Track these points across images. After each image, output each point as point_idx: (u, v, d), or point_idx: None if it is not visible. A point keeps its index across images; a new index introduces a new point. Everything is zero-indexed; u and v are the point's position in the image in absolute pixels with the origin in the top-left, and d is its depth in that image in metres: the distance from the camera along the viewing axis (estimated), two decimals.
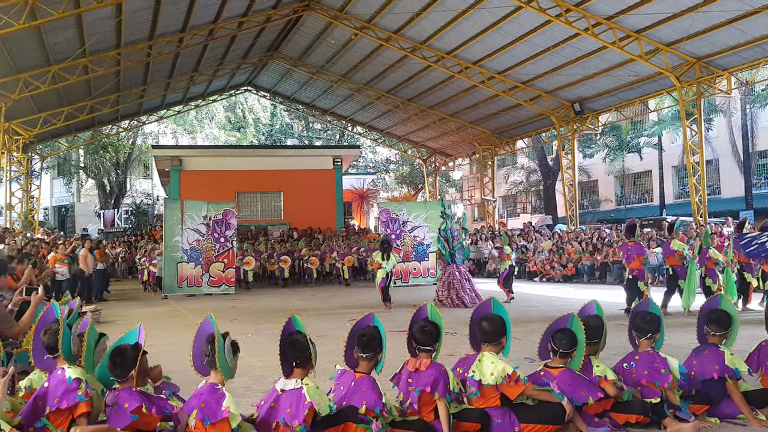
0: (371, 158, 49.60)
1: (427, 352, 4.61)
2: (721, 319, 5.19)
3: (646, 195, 38.57)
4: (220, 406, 3.93)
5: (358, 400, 4.29)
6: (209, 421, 3.89)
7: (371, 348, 4.47)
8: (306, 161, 28.40)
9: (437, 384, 4.40)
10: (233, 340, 4.22)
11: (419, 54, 23.29)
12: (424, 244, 20.96)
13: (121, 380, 4.08)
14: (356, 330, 4.62)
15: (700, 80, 19.46)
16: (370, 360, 4.47)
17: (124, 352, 4.13)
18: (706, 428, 4.77)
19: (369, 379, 4.41)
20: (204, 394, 4.01)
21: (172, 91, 28.64)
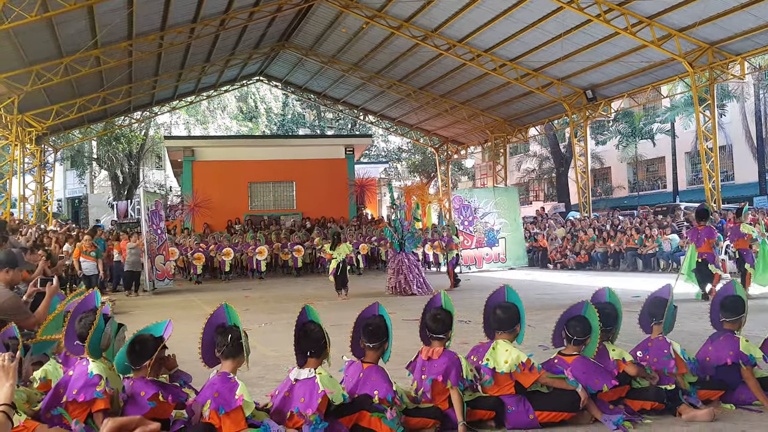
0: (383, 147, 49.57)
1: (439, 340, 4.65)
2: (733, 305, 5.18)
3: (659, 181, 38.31)
4: (234, 395, 3.96)
5: (369, 390, 4.31)
6: (224, 410, 3.92)
7: (378, 337, 4.49)
8: (318, 151, 28.46)
9: (449, 372, 4.44)
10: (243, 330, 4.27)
11: (431, 42, 23.20)
12: (494, 230, 21.79)
13: (135, 368, 4.13)
14: (362, 319, 4.64)
15: (713, 65, 19.28)
16: (376, 349, 4.51)
17: (145, 341, 4.17)
18: (721, 415, 4.77)
19: (378, 369, 4.45)
20: (217, 383, 4.03)
21: (183, 81, 28.71)
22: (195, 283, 19.83)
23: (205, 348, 4.26)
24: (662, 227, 19.66)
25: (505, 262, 21.96)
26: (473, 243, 21.58)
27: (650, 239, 19.44)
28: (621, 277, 17.27)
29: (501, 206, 22.13)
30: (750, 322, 5.39)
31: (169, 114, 39.28)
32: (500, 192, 23.46)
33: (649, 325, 5.20)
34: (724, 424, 4.54)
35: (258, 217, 26.70)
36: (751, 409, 4.85)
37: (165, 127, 43.73)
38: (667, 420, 4.66)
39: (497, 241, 21.89)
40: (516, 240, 22.43)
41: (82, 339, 4.19)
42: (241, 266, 22.00)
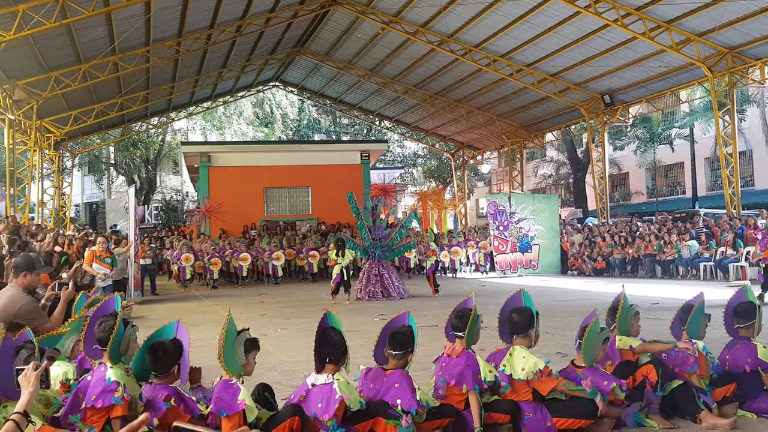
0: (399, 152, 49.56)
1: (460, 338, 4.68)
2: (746, 311, 5.14)
3: (678, 187, 37.94)
4: (236, 399, 3.92)
5: (392, 397, 4.25)
6: (225, 413, 3.89)
7: (403, 347, 4.44)
8: (334, 156, 28.50)
9: (465, 375, 4.43)
10: (251, 337, 4.22)
11: (446, 47, 23.17)
12: (528, 236, 22.12)
13: (161, 375, 4.09)
14: (390, 327, 4.61)
15: (732, 70, 19.08)
16: (399, 359, 4.45)
17: (166, 346, 4.14)
18: (741, 424, 4.67)
19: (402, 375, 4.36)
20: (219, 390, 4.00)
21: (200, 87, 28.89)
22: (211, 288, 19.89)
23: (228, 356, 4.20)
24: (681, 233, 19.45)
25: (536, 269, 21.97)
26: (508, 248, 21.70)
27: (669, 245, 19.24)
28: (639, 283, 17.08)
29: (539, 213, 22.24)
30: None
31: (185, 120, 39.57)
32: (539, 199, 23.67)
33: (680, 331, 5.19)
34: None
35: (274, 222, 26.75)
36: None
37: (182, 132, 44.04)
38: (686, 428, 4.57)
39: (530, 248, 21.97)
40: (551, 247, 22.43)
41: (102, 343, 4.16)
42: (256, 271, 22.04)
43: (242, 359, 4.14)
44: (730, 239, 17.66)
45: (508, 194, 23.28)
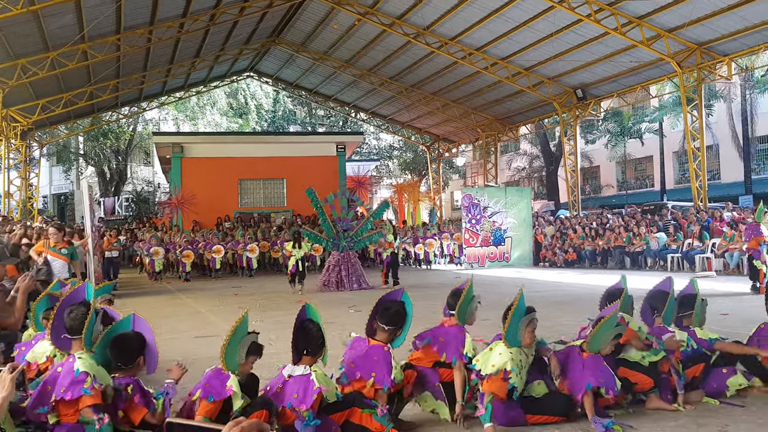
0: (375, 145, 49.55)
1: (453, 315, 4.86)
2: (688, 301, 5.37)
3: (647, 180, 38.53)
4: (224, 386, 3.98)
5: (367, 370, 4.36)
6: (213, 398, 3.94)
7: (393, 322, 4.55)
8: (309, 148, 28.44)
9: (448, 345, 4.63)
10: (257, 342, 4.25)
11: (422, 40, 23.22)
12: (501, 229, 22.21)
13: (125, 367, 4.11)
14: (383, 301, 4.71)
15: (701, 66, 19.43)
16: (389, 333, 4.54)
17: (129, 338, 4.17)
18: (705, 410, 4.83)
19: (382, 350, 4.45)
20: (209, 376, 4.06)
21: (173, 77, 28.57)
22: (184, 281, 19.76)
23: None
24: (650, 226, 19.81)
25: (509, 261, 22.17)
26: (478, 241, 21.86)
27: (638, 237, 19.58)
28: (609, 274, 17.36)
29: (512, 206, 22.38)
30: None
31: (157, 110, 39.08)
32: (512, 191, 23.78)
33: (651, 317, 5.33)
34: (708, 420, 4.60)
35: (248, 214, 26.63)
36: (733, 404, 4.94)
37: (153, 122, 43.53)
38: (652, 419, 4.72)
39: (503, 240, 22.15)
40: (523, 240, 22.62)
41: (73, 332, 4.15)
42: (230, 264, 21.94)
43: (242, 359, 4.15)
44: (697, 231, 18.04)
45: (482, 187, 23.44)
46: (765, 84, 28.95)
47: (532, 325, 4.58)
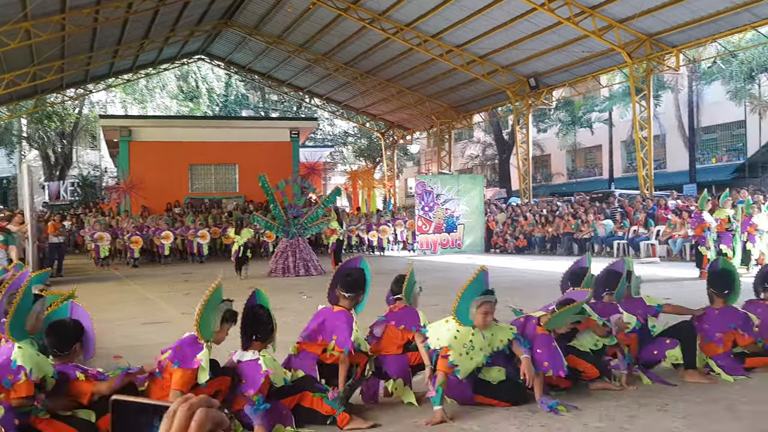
0: (329, 131, 49.27)
1: (399, 299, 4.93)
2: (614, 279, 5.51)
3: (596, 169, 39.34)
4: (194, 357, 3.99)
5: (329, 333, 4.46)
6: (178, 364, 3.95)
7: (353, 288, 4.66)
8: (262, 133, 28.08)
9: (405, 320, 4.73)
10: (232, 309, 4.25)
11: (378, 26, 23.13)
12: (454, 216, 22.37)
13: (62, 353, 4.02)
14: (343, 269, 4.82)
15: (650, 57, 19.87)
16: (351, 300, 4.66)
17: (65, 325, 4.12)
18: (644, 390, 4.97)
19: (345, 315, 4.55)
20: (185, 342, 4.08)
21: (120, 58, 27.82)
22: (132, 267, 19.37)
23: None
24: (597, 213, 20.23)
25: (461, 248, 22.39)
26: (431, 228, 22.02)
27: (586, 224, 19.99)
28: (558, 260, 17.69)
29: (465, 193, 22.58)
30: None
31: (104, 92, 38.13)
32: (465, 179, 23.99)
33: (601, 296, 5.48)
34: (649, 399, 4.75)
35: (199, 200, 26.23)
36: (668, 383, 5.12)
37: (100, 105, 42.42)
38: (594, 398, 4.83)
39: (456, 227, 22.39)
40: (476, 226, 22.84)
41: None
42: (180, 250, 21.57)
43: (217, 326, 4.16)
44: (642, 219, 18.52)
45: (436, 174, 23.58)
46: (711, 75, 29.78)
47: (485, 308, 4.49)
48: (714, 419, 4.29)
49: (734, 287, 5.58)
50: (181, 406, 1.00)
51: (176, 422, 1.00)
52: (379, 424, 4.37)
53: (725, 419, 4.29)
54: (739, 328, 5.33)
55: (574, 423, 4.26)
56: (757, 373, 5.34)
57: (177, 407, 1.00)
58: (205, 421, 1.00)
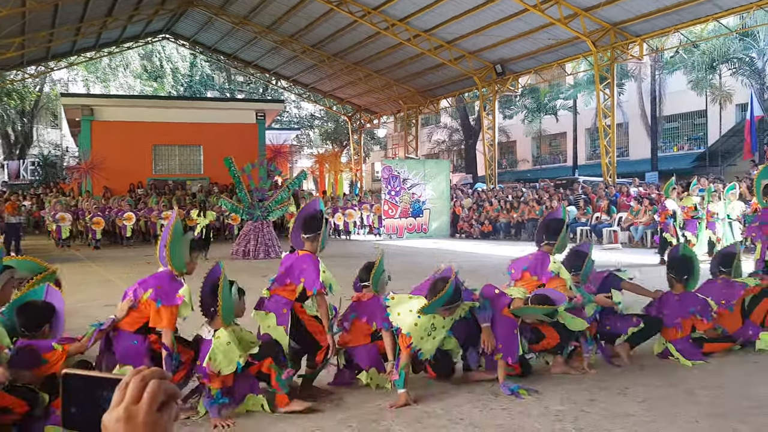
0: (296, 113, 48.91)
1: (366, 287, 4.99)
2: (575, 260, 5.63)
3: (561, 156, 39.81)
4: (176, 293, 4.08)
5: (297, 276, 4.55)
6: (161, 302, 4.02)
7: (312, 228, 4.74)
8: (227, 114, 27.77)
9: (375, 315, 4.76)
10: (197, 238, 4.41)
11: (345, 9, 22.98)
12: (420, 201, 22.41)
13: (29, 333, 3.99)
14: (302, 214, 4.90)
15: (614, 45, 20.13)
16: (312, 240, 4.74)
17: (37, 306, 4.10)
18: (602, 372, 5.11)
19: (311, 258, 4.64)
20: (164, 278, 4.15)
21: (83, 36, 27.16)
22: (93, 248, 19.08)
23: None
24: (561, 199, 20.50)
25: (426, 233, 22.51)
26: (398, 213, 22.11)
27: (550, 210, 20.26)
28: (522, 246, 17.93)
29: (431, 178, 22.66)
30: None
31: (66, 70, 37.19)
32: (431, 164, 24.06)
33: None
34: (609, 383, 4.88)
35: (162, 181, 25.89)
36: (614, 364, 5.35)
37: (62, 83, 41.45)
38: (556, 381, 4.96)
39: (422, 212, 22.51)
40: (441, 211, 22.96)
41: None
42: (143, 232, 21.30)
43: (187, 257, 4.26)
44: (605, 206, 18.86)
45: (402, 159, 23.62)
46: (673, 65, 30.28)
47: (451, 310, 4.60)
48: (673, 403, 4.43)
49: (693, 273, 5.76)
50: (134, 378, 1.00)
51: (129, 394, 1.00)
52: (319, 409, 4.37)
53: (684, 403, 4.43)
54: (698, 313, 5.49)
55: (535, 406, 4.38)
56: (716, 358, 5.53)
57: (129, 379, 1.01)
58: (157, 393, 1.00)
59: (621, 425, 4.03)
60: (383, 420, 4.21)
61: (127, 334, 4.16)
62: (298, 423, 4.16)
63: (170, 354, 4.06)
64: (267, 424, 4.13)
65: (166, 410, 1.01)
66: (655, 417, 4.17)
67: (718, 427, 3.97)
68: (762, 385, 4.80)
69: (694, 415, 4.19)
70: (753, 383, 4.85)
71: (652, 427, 4.00)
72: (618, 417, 4.17)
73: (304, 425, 4.12)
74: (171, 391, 1.02)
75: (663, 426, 4.02)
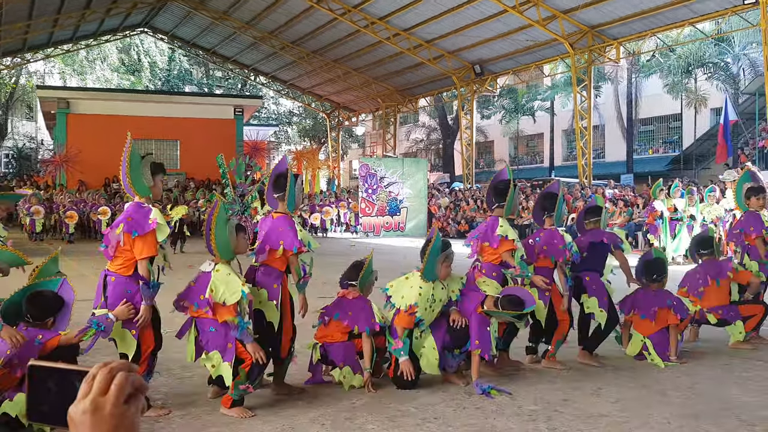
0: (274, 110, 48.66)
1: (353, 287, 4.99)
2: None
3: (538, 156, 40.14)
4: (147, 219, 4.05)
5: (275, 240, 4.55)
6: (137, 233, 4.01)
7: (282, 187, 4.74)
8: (205, 110, 27.60)
9: (358, 318, 4.78)
10: (156, 161, 4.39)
11: (326, 6, 22.93)
12: (398, 199, 22.36)
13: (33, 322, 3.99)
14: (273, 174, 4.90)
15: (591, 48, 20.35)
16: (282, 199, 4.75)
17: (46, 296, 4.11)
18: (578, 373, 5.20)
19: (286, 219, 4.67)
20: (129, 210, 4.12)
21: (60, 28, 26.81)
22: (67, 242, 18.85)
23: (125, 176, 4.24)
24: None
25: (403, 231, 22.56)
26: (374, 211, 22.14)
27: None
28: None
29: (408, 177, 22.71)
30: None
31: (43, 62, 36.70)
32: (409, 163, 24.10)
33: (542, 218, 5.66)
34: (582, 383, 4.96)
35: None
36: (591, 365, 5.43)
37: (38, 75, 40.87)
38: (528, 381, 5.03)
39: (399, 211, 22.56)
40: (418, 210, 23.02)
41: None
42: None
43: (149, 181, 4.26)
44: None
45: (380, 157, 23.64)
46: (650, 69, 30.66)
47: (448, 260, 4.95)
48: (646, 403, 4.50)
49: (667, 273, 5.87)
50: (101, 370, 1.00)
51: (96, 386, 0.99)
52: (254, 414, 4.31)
53: (657, 404, 4.50)
54: (673, 308, 5.61)
55: (509, 405, 4.43)
56: (690, 360, 5.64)
57: (96, 371, 1.00)
58: (124, 385, 1.00)
59: (594, 425, 4.09)
60: (356, 418, 4.22)
61: (123, 280, 4.14)
62: (271, 420, 4.17)
63: (147, 283, 4.07)
64: (239, 422, 4.14)
65: (133, 402, 1.01)
66: (628, 418, 4.23)
67: (690, 428, 4.03)
68: (733, 387, 4.88)
69: (666, 416, 4.25)
70: (724, 385, 4.94)
71: (624, 428, 4.06)
72: (591, 417, 4.22)
73: (277, 422, 4.13)
74: (138, 384, 1.02)
75: (636, 426, 4.08)
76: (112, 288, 4.14)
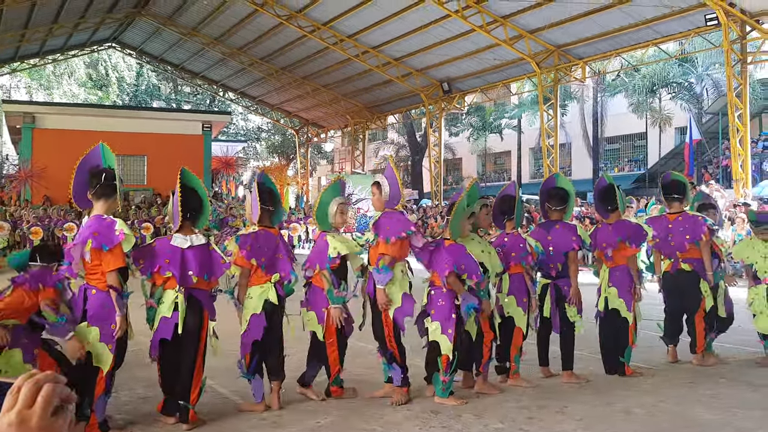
0: (242, 126, 48.47)
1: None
2: (559, 195, 5.85)
3: (505, 174, 40.57)
4: (113, 231, 4.05)
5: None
6: (107, 247, 4.01)
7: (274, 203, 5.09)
8: (173, 125, 27.32)
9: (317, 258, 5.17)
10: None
11: (295, 23, 23.00)
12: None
13: (45, 264, 4.15)
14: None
15: (558, 67, 20.72)
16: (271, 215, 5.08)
17: (48, 246, 4.55)
18: (545, 390, 5.27)
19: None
20: (93, 225, 4.10)
21: (27, 42, 26.41)
22: None
23: (77, 189, 4.28)
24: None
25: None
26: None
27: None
28: None
29: None
30: None
31: (8, 76, 36.14)
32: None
33: (502, 222, 5.84)
34: (548, 401, 5.02)
35: None
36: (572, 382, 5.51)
37: (4, 90, 40.17)
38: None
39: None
40: None
41: None
42: None
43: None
44: None
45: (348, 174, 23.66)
46: (615, 88, 31.28)
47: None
48: (610, 422, 4.56)
49: (620, 200, 5.93)
50: (27, 382, 0.98)
51: (21, 398, 0.97)
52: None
53: (621, 422, 4.57)
54: (627, 240, 5.71)
55: (475, 424, 4.48)
56: (655, 378, 5.75)
57: (21, 383, 0.98)
58: (51, 397, 0.98)
59: None
60: None
61: (104, 295, 4.14)
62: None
63: (120, 293, 4.07)
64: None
65: (61, 415, 0.99)
66: None
67: None
68: (697, 405, 4.96)
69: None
70: (688, 403, 5.01)
71: None
72: None
73: None
74: (65, 396, 1.00)
75: None
76: (92, 301, 4.13)
